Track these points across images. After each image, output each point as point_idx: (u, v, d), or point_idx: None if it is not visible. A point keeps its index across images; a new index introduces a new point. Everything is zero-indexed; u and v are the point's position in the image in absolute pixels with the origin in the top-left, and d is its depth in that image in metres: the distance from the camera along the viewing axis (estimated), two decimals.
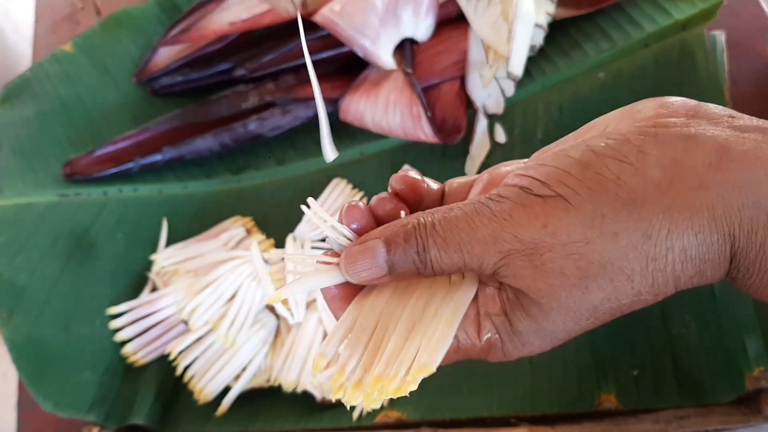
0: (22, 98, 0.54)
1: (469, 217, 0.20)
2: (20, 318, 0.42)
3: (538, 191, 0.20)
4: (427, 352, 0.20)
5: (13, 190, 0.49)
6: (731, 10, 0.46)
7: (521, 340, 0.21)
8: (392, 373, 0.20)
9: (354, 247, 0.21)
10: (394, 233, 0.21)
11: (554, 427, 0.33)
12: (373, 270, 0.21)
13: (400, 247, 0.21)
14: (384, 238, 0.21)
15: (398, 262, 0.21)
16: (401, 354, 0.21)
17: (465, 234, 0.20)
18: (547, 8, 0.45)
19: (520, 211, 0.19)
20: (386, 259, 0.21)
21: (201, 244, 0.46)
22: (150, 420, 0.41)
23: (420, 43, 0.49)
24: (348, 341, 0.21)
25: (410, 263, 0.21)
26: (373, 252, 0.21)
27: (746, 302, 0.34)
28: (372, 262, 0.21)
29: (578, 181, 0.19)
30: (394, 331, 0.21)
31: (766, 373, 0.32)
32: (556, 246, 0.19)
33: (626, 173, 0.19)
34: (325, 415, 0.38)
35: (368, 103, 0.47)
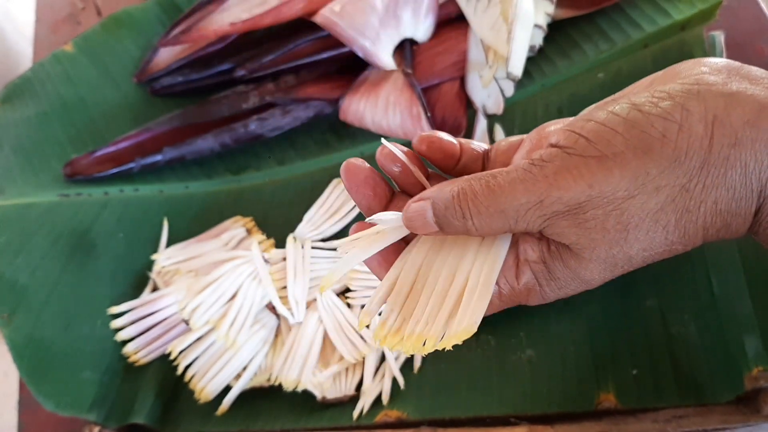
0: (22, 98, 0.54)
1: (512, 184, 0.21)
2: (21, 317, 0.42)
3: (584, 151, 0.20)
4: (469, 313, 0.22)
5: (14, 190, 0.49)
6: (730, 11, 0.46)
7: (558, 285, 0.23)
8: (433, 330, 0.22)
9: (412, 204, 0.23)
10: (437, 199, 0.22)
11: (554, 426, 0.33)
12: (426, 226, 0.23)
13: (441, 213, 0.22)
14: (432, 200, 0.22)
15: (444, 224, 0.22)
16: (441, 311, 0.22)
17: (509, 201, 0.21)
18: (547, 9, 0.45)
19: (565, 174, 0.20)
20: (434, 220, 0.22)
21: (202, 244, 0.46)
22: (151, 419, 0.41)
23: (420, 43, 0.49)
24: (390, 298, 0.23)
25: (455, 226, 0.22)
26: (423, 212, 0.23)
27: (745, 302, 0.34)
28: (424, 220, 0.23)
29: (625, 140, 0.20)
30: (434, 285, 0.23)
31: (764, 372, 0.32)
32: (599, 203, 0.20)
33: (671, 131, 0.20)
34: (325, 415, 0.39)
35: (368, 103, 0.47)
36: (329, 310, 0.41)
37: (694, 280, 0.35)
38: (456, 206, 0.22)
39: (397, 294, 0.23)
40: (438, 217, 0.22)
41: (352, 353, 0.39)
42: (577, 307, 0.37)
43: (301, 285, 0.42)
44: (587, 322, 0.37)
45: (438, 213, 0.22)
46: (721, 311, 0.34)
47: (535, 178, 0.20)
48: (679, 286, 0.35)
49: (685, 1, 0.44)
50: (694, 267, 0.35)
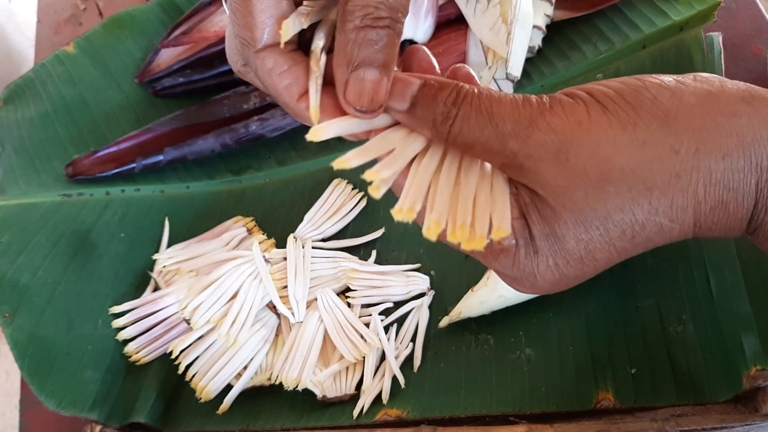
0: (24, 99, 0.54)
1: (513, 99, 0.21)
2: (23, 317, 0.43)
3: (581, 96, 0.21)
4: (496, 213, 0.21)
5: (16, 190, 0.49)
6: (729, 12, 0.46)
7: (534, 246, 0.21)
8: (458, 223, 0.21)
9: (399, 75, 0.22)
10: (433, 79, 0.22)
11: (553, 425, 0.34)
12: (397, 98, 0.22)
13: (431, 92, 0.21)
14: (424, 79, 0.22)
15: (422, 103, 0.21)
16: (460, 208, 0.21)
17: (503, 109, 0.21)
18: (546, 10, 0.46)
19: (560, 107, 0.20)
20: (413, 94, 0.21)
21: (203, 243, 0.46)
22: (152, 418, 0.41)
23: (419, 44, 0.49)
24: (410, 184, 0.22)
25: (432, 110, 0.21)
26: (407, 83, 0.22)
27: (743, 301, 0.34)
28: (402, 89, 0.21)
29: (618, 95, 0.20)
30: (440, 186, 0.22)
31: (763, 371, 0.32)
32: (584, 143, 0.20)
33: (664, 95, 0.20)
34: (325, 413, 0.39)
35: None
36: (329, 309, 0.41)
37: (692, 280, 0.35)
38: (453, 90, 0.21)
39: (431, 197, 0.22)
40: (421, 95, 0.21)
41: (353, 352, 0.39)
42: (575, 307, 0.37)
43: (302, 285, 0.42)
44: (585, 321, 0.37)
45: (426, 91, 0.21)
46: (719, 310, 0.34)
47: (534, 102, 0.21)
48: (676, 285, 0.36)
49: (683, 3, 0.44)
50: (692, 266, 0.36)
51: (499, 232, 0.20)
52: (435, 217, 0.21)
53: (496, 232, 0.20)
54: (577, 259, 0.21)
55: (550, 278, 0.22)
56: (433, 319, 0.41)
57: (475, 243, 0.20)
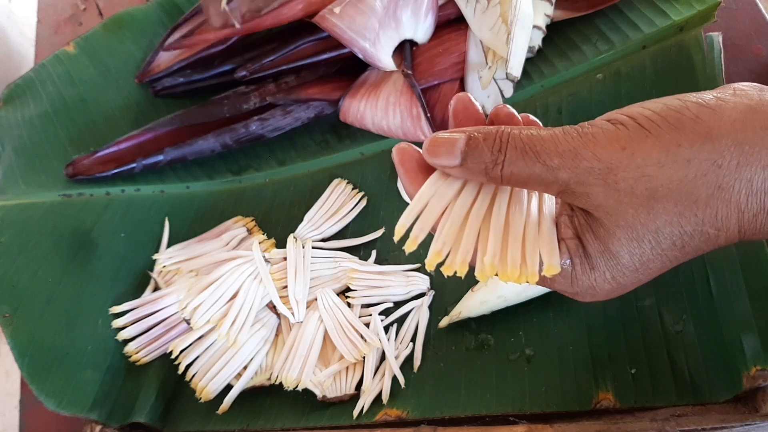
0: (24, 99, 0.54)
1: (553, 133, 0.22)
2: (23, 317, 0.43)
3: (623, 121, 0.22)
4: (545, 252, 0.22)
5: (16, 190, 0.49)
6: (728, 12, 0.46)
7: (590, 264, 0.23)
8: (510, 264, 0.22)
9: (441, 133, 0.23)
10: (476, 130, 0.23)
11: (553, 425, 0.34)
12: (448, 156, 0.23)
13: (478, 143, 0.23)
14: (468, 134, 0.23)
15: (472, 156, 0.23)
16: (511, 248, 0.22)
17: (546, 145, 0.22)
18: (546, 10, 0.46)
19: (604, 136, 0.21)
20: (462, 149, 0.23)
21: (203, 243, 0.46)
22: (152, 418, 0.41)
23: (419, 44, 0.49)
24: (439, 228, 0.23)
25: (482, 160, 0.23)
26: (453, 141, 0.23)
27: (743, 301, 0.34)
28: (449, 148, 0.23)
29: (660, 117, 0.21)
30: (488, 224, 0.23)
31: (762, 371, 0.32)
32: (630, 167, 0.21)
33: (705, 114, 0.21)
34: (325, 413, 0.39)
35: (368, 104, 0.47)
36: (329, 309, 0.41)
37: (692, 280, 0.35)
38: (496, 138, 0.22)
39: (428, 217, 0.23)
40: (469, 148, 0.23)
41: (353, 352, 0.39)
42: (575, 307, 0.37)
43: (302, 284, 0.42)
44: (586, 321, 0.37)
45: (472, 144, 0.23)
46: (719, 310, 0.34)
47: (577, 133, 0.22)
48: (677, 285, 0.36)
49: (683, 3, 0.44)
50: (692, 266, 0.36)
51: (550, 269, 0.22)
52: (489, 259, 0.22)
53: (548, 269, 0.22)
54: (632, 270, 0.23)
55: (608, 288, 0.23)
56: (433, 319, 0.41)
57: (528, 279, 0.22)
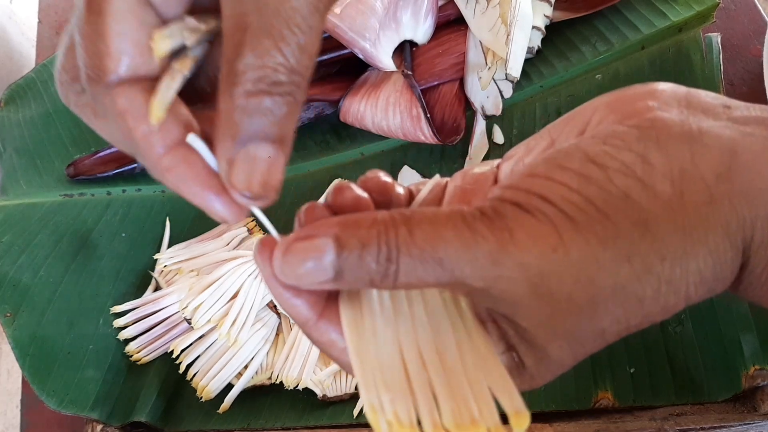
0: (25, 99, 0.55)
1: (458, 229, 0.17)
2: (24, 316, 0.43)
3: (540, 208, 0.17)
4: (503, 395, 0.17)
5: (18, 190, 0.50)
6: (727, 12, 0.46)
7: (530, 374, 0.19)
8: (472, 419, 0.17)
9: (296, 242, 0.17)
10: (351, 231, 0.17)
11: (552, 424, 0.34)
12: (314, 274, 0.17)
13: (355, 251, 0.16)
14: (335, 235, 0.17)
15: (349, 269, 0.17)
16: (459, 396, 0.17)
17: (452, 249, 0.16)
18: (545, 11, 0.46)
19: (523, 233, 0.17)
20: (334, 262, 0.17)
21: (203, 243, 0.46)
22: (153, 417, 0.41)
23: (419, 45, 0.49)
24: (381, 384, 0.18)
25: (365, 272, 0.17)
26: (318, 252, 0.17)
27: (742, 301, 0.34)
28: (315, 263, 0.17)
29: (583, 198, 0.17)
30: (427, 366, 0.18)
31: (761, 371, 0.32)
32: (564, 271, 0.17)
33: (634, 189, 0.17)
34: (325, 413, 0.39)
35: (368, 104, 0.47)
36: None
37: None
38: (381, 242, 0.16)
39: (379, 375, 0.18)
40: (342, 258, 0.16)
41: None
42: None
43: None
44: None
45: (347, 251, 0.16)
46: (718, 310, 0.34)
47: (489, 231, 0.16)
48: None
49: (682, 3, 0.44)
50: None
51: (520, 420, 0.17)
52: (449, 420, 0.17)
53: (517, 419, 0.17)
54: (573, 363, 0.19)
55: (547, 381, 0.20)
56: None
57: None
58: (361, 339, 0.18)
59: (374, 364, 0.18)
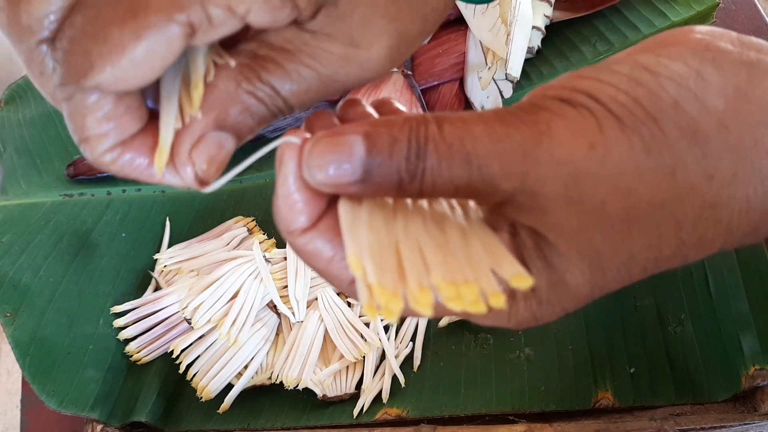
0: (25, 99, 0.55)
1: (488, 123, 0.15)
2: (24, 316, 0.43)
3: (584, 103, 0.15)
4: (503, 264, 0.15)
5: (18, 190, 0.50)
6: (727, 13, 0.46)
7: (537, 299, 0.17)
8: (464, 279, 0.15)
9: (324, 138, 0.16)
10: (381, 129, 0.16)
11: (552, 424, 0.34)
12: (341, 172, 0.16)
13: (385, 148, 0.15)
14: (365, 132, 0.16)
15: (378, 167, 0.16)
16: (455, 259, 0.15)
17: (481, 144, 0.15)
18: (545, 11, 0.46)
19: (561, 125, 0.15)
20: (363, 160, 0.15)
21: (203, 243, 0.46)
22: (153, 417, 0.41)
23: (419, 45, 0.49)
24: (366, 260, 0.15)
25: (393, 171, 0.15)
26: (347, 148, 0.15)
27: (741, 300, 0.34)
28: (343, 159, 0.15)
29: (631, 99, 0.15)
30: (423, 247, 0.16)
31: (761, 371, 0.32)
32: (601, 174, 0.15)
33: (686, 99, 0.15)
34: (325, 412, 0.39)
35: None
36: (330, 309, 0.41)
37: (690, 279, 0.36)
38: (412, 138, 0.15)
39: (373, 252, 0.16)
40: (373, 155, 0.15)
41: (353, 352, 0.40)
42: None
43: (302, 284, 0.42)
44: (584, 321, 0.37)
45: (376, 148, 0.15)
46: (718, 310, 0.34)
47: (522, 122, 0.15)
48: (675, 284, 0.36)
49: (682, 3, 0.44)
50: (691, 266, 0.36)
51: (520, 280, 0.15)
52: (438, 278, 0.15)
53: (518, 279, 0.15)
54: (586, 299, 0.17)
55: (551, 318, 0.18)
56: (432, 319, 0.41)
57: (492, 301, 0.15)
58: (356, 223, 0.17)
59: (366, 244, 0.16)
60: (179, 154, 0.17)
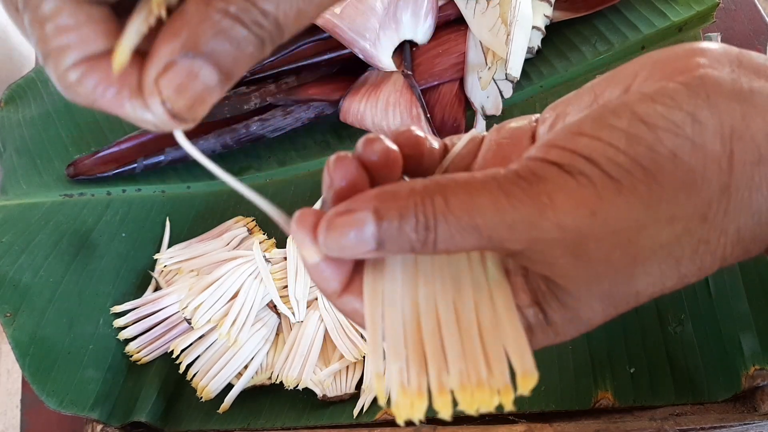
0: (26, 99, 0.55)
1: (494, 194, 0.16)
2: (24, 316, 0.43)
3: (582, 170, 0.16)
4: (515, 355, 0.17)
5: (18, 190, 0.50)
6: (727, 13, 0.46)
7: (554, 331, 0.19)
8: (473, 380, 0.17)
9: (337, 217, 0.17)
10: (389, 204, 0.17)
11: (552, 424, 0.34)
12: (357, 246, 0.17)
13: (394, 223, 0.17)
14: (374, 208, 0.17)
15: (390, 239, 0.17)
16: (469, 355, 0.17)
17: (489, 215, 0.16)
18: (545, 11, 0.46)
19: (562, 196, 0.16)
20: (375, 234, 0.17)
21: (203, 243, 0.46)
22: (153, 417, 0.41)
23: (419, 45, 0.49)
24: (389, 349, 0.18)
25: (405, 241, 0.17)
26: (359, 225, 0.17)
27: (741, 301, 0.34)
28: (357, 236, 0.17)
29: (630, 159, 0.16)
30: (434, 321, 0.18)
31: (761, 371, 0.32)
32: (604, 235, 0.16)
33: (683, 150, 0.16)
34: (325, 413, 0.39)
35: (368, 104, 0.47)
36: (330, 309, 0.41)
37: None
38: (419, 213, 0.16)
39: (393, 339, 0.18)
40: (382, 230, 0.17)
41: (353, 352, 0.40)
42: None
43: (302, 284, 0.42)
44: None
45: (386, 223, 0.17)
46: (718, 310, 0.34)
47: (525, 194, 0.16)
48: None
49: (682, 3, 0.44)
50: None
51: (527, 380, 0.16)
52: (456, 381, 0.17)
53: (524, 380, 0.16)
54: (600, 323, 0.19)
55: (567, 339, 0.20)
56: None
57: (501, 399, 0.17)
58: (377, 304, 0.18)
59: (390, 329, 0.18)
60: (145, 83, 0.16)
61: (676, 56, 0.18)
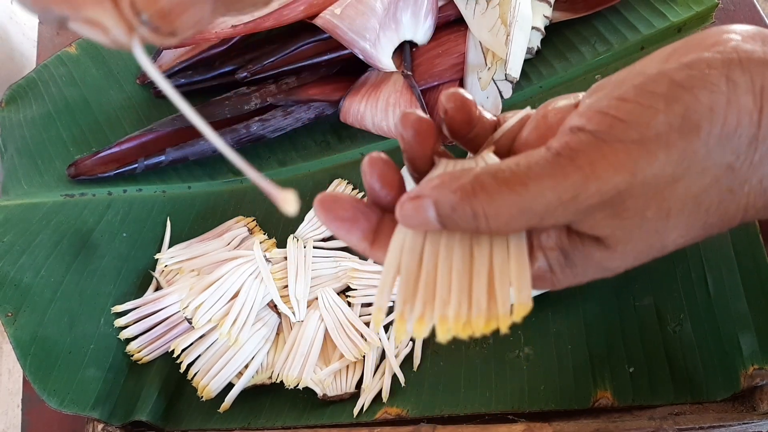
0: (26, 100, 0.55)
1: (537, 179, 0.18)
2: (25, 316, 0.43)
3: (621, 135, 0.18)
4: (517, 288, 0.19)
5: (19, 190, 0.50)
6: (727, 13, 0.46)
7: (574, 272, 0.21)
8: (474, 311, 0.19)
9: (408, 203, 0.20)
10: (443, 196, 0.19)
11: (551, 423, 0.34)
12: (427, 224, 0.20)
13: (449, 213, 0.19)
14: (434, 199, 0.19)
15: (450, 223, 0.19)
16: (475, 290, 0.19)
17: (534, 199, 0.18)
18: (545, 12, 0.46)
19: (603, 163, 0.18)
20: (437, 218, 0.19)
21: (204, 243, 0.46)
22: (154, 416, 0.41)
23: (419, 45, 0.49)
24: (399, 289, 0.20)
25: (463, 225, 0.19)
26: (424, 211, 0.20)
27: (740, 300, 0.34)
28: (424, 219, 0.20)
29: (667, 118, 0.18)
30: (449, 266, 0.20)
31: (760, 370, 0.32)
32: (641, 192, 0.18)
33: (719, 104, 0.18)
34: (326, 412, 0.39)
35: (368, 104, 0.48)
36: (330, 308, 0.42)
37: (689, 279, 0.36)
38: (466, 208, 0.19)
39: (406, 281, 0.20)
40: (442, 217, 0.19)
41: (353, 351, 0.40)
42: (573, 306, 0.38)
43: (303, 284, 0.43)
44: (584, 320, 0.37)
45: (443, 213, 0.19)
46: (717, 309, 0.34)
47: (566, 171, 0.18)
48: (674, 284, 0.36)
49: (681, 4, 0.44)
50: (690, 265, 0.36)
51: (521, 309, 0.18)
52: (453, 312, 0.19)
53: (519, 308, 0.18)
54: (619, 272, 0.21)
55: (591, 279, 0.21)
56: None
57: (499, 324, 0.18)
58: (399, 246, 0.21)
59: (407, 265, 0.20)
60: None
61: (711, 35, 0.20)
